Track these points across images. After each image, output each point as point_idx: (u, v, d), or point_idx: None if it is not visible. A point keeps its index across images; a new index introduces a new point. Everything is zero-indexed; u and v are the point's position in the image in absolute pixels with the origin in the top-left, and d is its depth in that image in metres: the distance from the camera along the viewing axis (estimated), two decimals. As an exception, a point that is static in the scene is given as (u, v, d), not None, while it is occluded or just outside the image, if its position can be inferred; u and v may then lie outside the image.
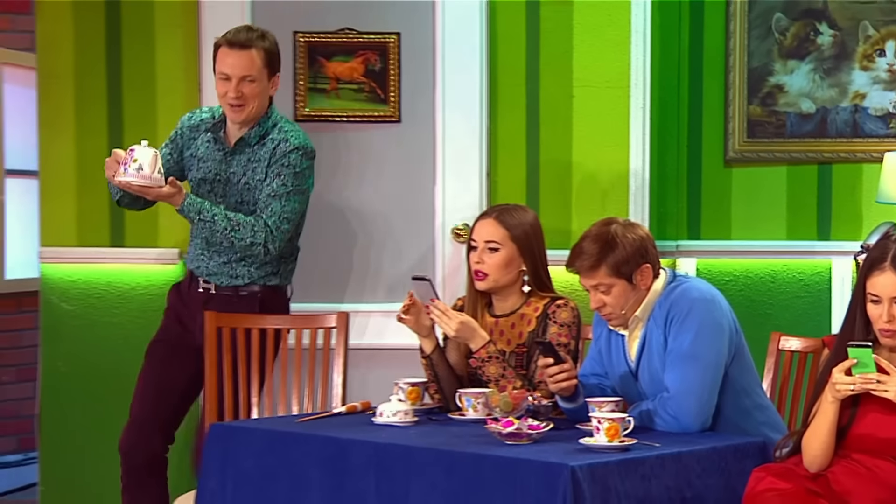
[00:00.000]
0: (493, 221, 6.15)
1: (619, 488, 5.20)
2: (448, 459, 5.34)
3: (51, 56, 7.72)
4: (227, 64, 6.55)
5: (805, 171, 8.17)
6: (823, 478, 5.32)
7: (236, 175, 6.65)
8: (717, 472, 5.45)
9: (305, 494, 5.62)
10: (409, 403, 5.91)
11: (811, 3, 8.05)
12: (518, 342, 6.09)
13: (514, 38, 7.71)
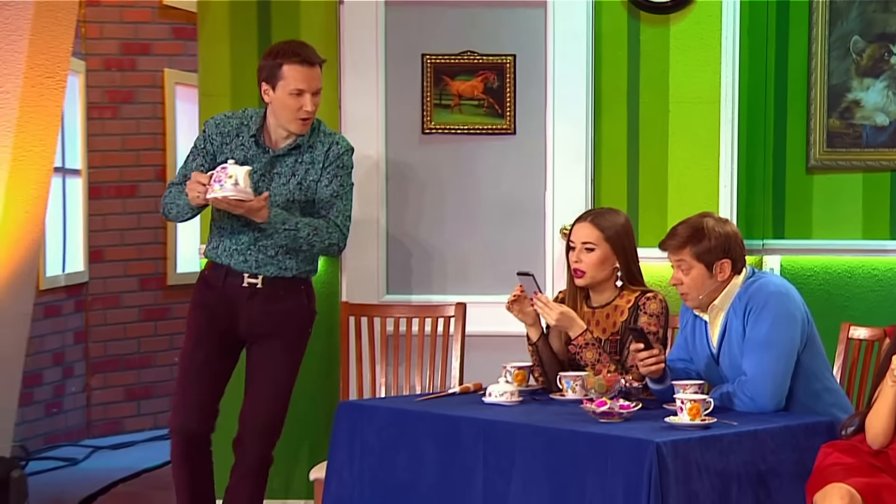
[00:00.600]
0: (589, 224, 6.17)
1: (700, 462, 5.21)
2: (547, 435, 5.38)
3: (210, 77, 7.76)
4: (303, 80, 6.32)
5: (879, 178, 8.12)
6: (885, 454, 5.33)
7: (283, 176, 6.41)
8: (789, 448, 5.45)
9: (421, 465, 5.66)
10: (516, 385, 5.94)
11: (885, 27, 8.02)
12: (612, 331, 6.10)
13: (617, 59, 7.69)
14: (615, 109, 7.73)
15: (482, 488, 5.50)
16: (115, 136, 10.73)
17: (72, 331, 10.49)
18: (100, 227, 10.70)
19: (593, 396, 5.59)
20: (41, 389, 10.15)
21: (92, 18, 10.58)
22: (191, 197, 6.23)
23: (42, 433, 10.17)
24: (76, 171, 10.51)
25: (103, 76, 10.65)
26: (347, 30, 7.63)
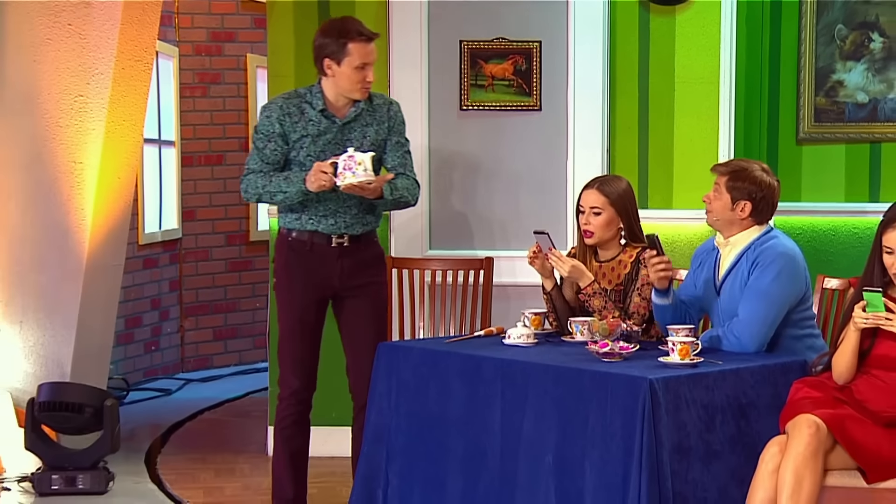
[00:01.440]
0: (596, 191, 6.09)
1: (688, 396, 5.17)
2: (557, 372, 5.34)
3: (278, 61, 7.75)
4: (366, 54, 6.06)
5: (860, 149, 8.09)
6: (848, 389, 5.27)
7: (355, 141, 6.12)
8: (766, 383, 5.39)
9: (448, 398, 5.63)
10: (532, 328, 5.88)
11: (865, 16, 7.97)
12: (617, 282, 6.04)
13: (629, 45, 7.63)
14: (628, 89, 7.68)
15: (500, 419, 5.47)
16: (204, 112, 10.72)
17: (167, 280, 10.51)
18: (191, 190, 10.70)
19: (597, 339, 5.53)
20: (141, 330, 10.17)
21: (184, 10, 10.58)
22: (317, 185, 5.95)
23: (142, 368, 10.21)
24: (171, 143, 10.51)
25: (194, 60, 10.64)
26: (395, 21, 7.61)
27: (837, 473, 5.15)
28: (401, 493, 5.74)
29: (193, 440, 8.41)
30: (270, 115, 6.11)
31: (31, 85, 7.21)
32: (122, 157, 7.30)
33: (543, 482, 5.31)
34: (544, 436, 5.32)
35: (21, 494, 6.95)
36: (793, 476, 5.03)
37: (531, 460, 5.35)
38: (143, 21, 7.17)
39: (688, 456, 5.15)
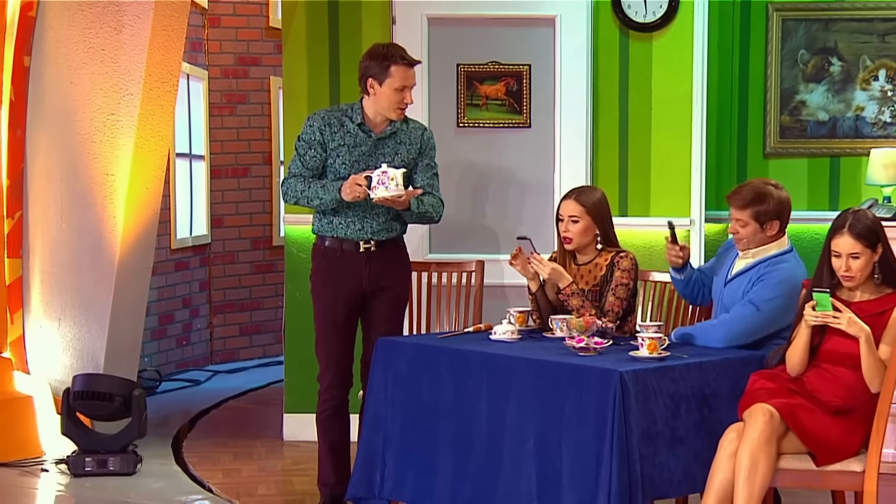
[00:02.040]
0: (573, 201, 6.05)
1: (656, 387, 5.15)
2: (537, 365, 5.31)
3: (292, 83, 7.74)
4: (407, 78, 6.03)
5: (820, 162, 8.12)
6: (801, 380, 5.24)
7: (387, 155, 6.09)
8: (728, 376, 5.36)
9: (439, 389, 5.60)
10: (517, 325, 5.85)
11: (825, 43, 7.97)
12: (593, 283, 5.99)
13: (610, 67, 7.60)
14: (609, 107, 7.64)
15: (486, 407, 5.44)
16: (231, 129, 10.70)
17: (197, 281, 10.49)
18: (219, 199, 10.68)
19: (574, 335, 5.49)
20: (173, 326, 10.14)
21: (213, 37, 10.56)
22: (351, 196, 5.91)
23: (174, 360, 10.18)
24: (201, 157, 10.49)
25: (222, 82, 10.62)
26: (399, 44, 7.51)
27: (790, 457, 5.12)
28: (396, 476, 5.71)
29: (217, 426, 8.38)
30: (313, 125, 6.10)
31: (68, 104, 7.20)
32: (150, 169, 7.28)
33: (525, 465, 5.28)
34: (526, 423, 5.29)
35: (58, 475, 6.96)
36: (749, 459, 5.00)
37: (514, 445, 5.32)
38: (169, 47, 7.15)
39: (655, 441, 5.12)
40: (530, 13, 7.56)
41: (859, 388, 5.12)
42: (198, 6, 10.31)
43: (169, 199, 9.92)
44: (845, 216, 5.20)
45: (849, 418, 5.13)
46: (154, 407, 8.89)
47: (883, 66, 7.87)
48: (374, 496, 5.75)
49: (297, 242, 7.77)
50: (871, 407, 5.10)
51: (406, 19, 7.55)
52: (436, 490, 5.57)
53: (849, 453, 5.11)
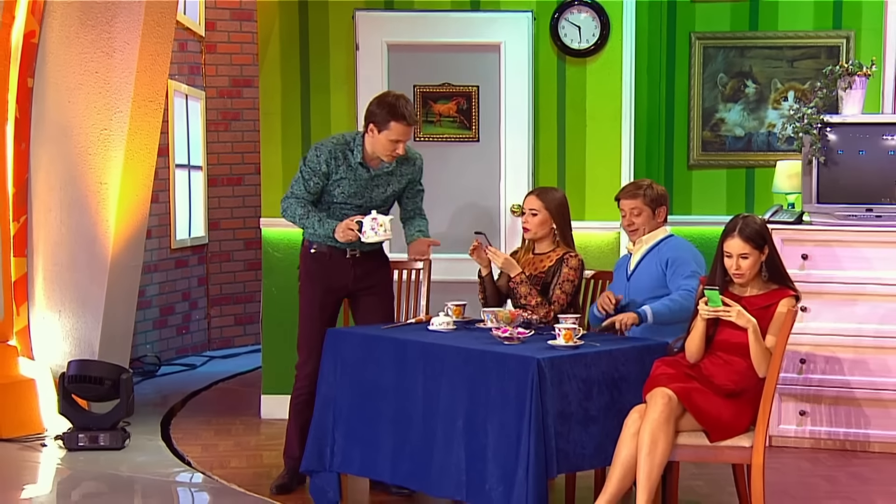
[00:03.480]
0: (535, 197, 6.09)
1: (570, 372, 5.09)
2: (466, 353, 5.25)
3: (268, 102, 7.68)
4: (403, 134, 5.89)
5: (737, 173, 8.09)
6: (698, 366, 5.20)
7: (381, 186, 6.07)
8: (635, 361, 5.31)
9: (381, 374, 5.55)
10: (454, 317, 5.79)
11: (741, 67, 7.93)
12: (541, 269, 6.01)
13: (549, 88, 7.55)
14: (548, 124, 7.59)
15: (422, 390, 5.39)
16: (226, 142, 10.63)
17: (196, 277, 10.42)
18: (216, 205, 10.61)
19: (501, 325, 5.43)
20: (173, 317, 10.07)
21: (210, 62, 10.48)
22: (344, 238, 5.83)
23: (174, 347, 10.10)
24: (199, 167, 10.42)
25: (218, 101, 10.55)
26: (362, 67, 7.52)
27: (687, 434, 5.08)
28: (344, 451, 5.65)
29: (205, 405, 8.31)
30: (320, 157, 5.96)
31: (66, 121, 7.13)
32: (139, 178, 7.22)
33: (455, 442, 5.23)
34: (456, 404, 5.24)
35: (56, 450, 6.88)
36: (650, 437, 4.95)
37: (446, 424, 5.27)
38: (155, 70, 7.09)
39: (569, 420, 5.07)
40: (478, 40, 7.50)
41: (749, 373, 5.07)
42: (196, 34, 10.26)
43: (169, 204, 9.86)
44: (736, 221, 5.16)
45: (739, 400, 5.09)
46: (154, 388, 8.86)
47: (791, 88, 7.82)
48: (325, 469, 5.70)
49: (273, 243, 7.71)
50: (759, 390, 5.06)
51: (368, 45, 7.48)
52: (379, 464, 5.52)
53: (739, 431, 5.06)
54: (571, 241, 6.11)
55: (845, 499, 5.96)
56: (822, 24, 7.79)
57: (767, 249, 5.14)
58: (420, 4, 7.54)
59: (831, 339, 6.85)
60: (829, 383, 6.87)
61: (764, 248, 5.12)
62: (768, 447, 6.85)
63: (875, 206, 6.83)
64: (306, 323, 6.12)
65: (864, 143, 6.87)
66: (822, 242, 6.88)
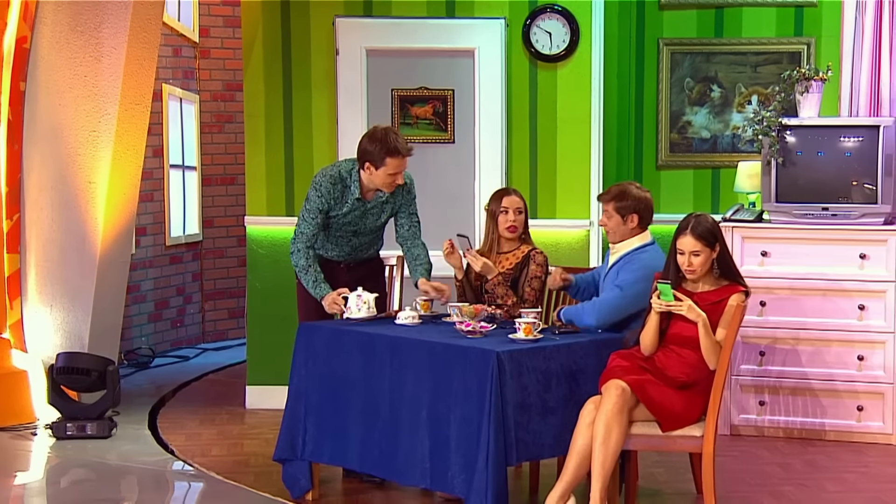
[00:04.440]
0: (516, 196, 6.03)
1: (529, 364, 5.07)
2: (430, 346, 5.23)
3: (252, 105, 7.65)
4: (399, 166, 5.81)
5: (703, 173, 8.05)
6: (652, 359, 5.16)
7: (374, 214, 6.00)
8: (593, 355, 5.29)
9: (350, 366, 5.52)
10: (422, 311, 5.76)
11: (707, 72, 7.88)
12: (509, 267, 5.96)
13: (522, 92, 7.51)
14: (521, 126, 7.55)
15: (388, 382, 5.36)
16: (219, 144, 10.58)
17: (190, 272, 10.37)
18: (210, 204, 10.57)
19: (464, 320, 5.40)
20: (168, 311, 10.04)
21: (204, 67, 10.44)
22: (329, 311, 5.77)
23: (169, 340, 10.06)
24: (193, 167, 10.38)
25: (212, 104, 10.50)
26: (342, 72, 7.47)
27: (640, 424, 5.05)
28: (315, 440, 5.62)
29: (194, 396, 8.26)
30: (321, 196, 5.88)
31: (57, 123, 7.10)
32: (127, 178, 7.18)
33: (420, 431, 5.21)
34: (420, 395, 5.21)
35: (46, 438, 6.85)
36: (604, 427, 4.92)
37: (411, 414, 5.24)
38: (141, 74, 7.05)
39: (528, 411, 5.04)
40: (453, 46, 7.46)
41: (700, 365, 5.04)
42: (190, 41, 10.22)
43: (163, 203, 9.83)
44: (689, 219, 5.12)
45: (690, 391, 5.06)
46: (147, 379, 8.82)
47: (755, 92, 7.78)
48: (297, 458, 5.66)
49: (257, 240, 7.69)
50: (710, 382, 5.03)
51: (348, 51, 7.44)
52: (348, 453, 5.49)
53: (690, 421, 5.03)
54: (530, 237, 6.08)
55: (798, 485, 5.93)
56: (784, 31, 7.75)
57: (719, 247, 5.10)
58: (398, 11, 7.50)
59: (789, 332, 6.82)
60: (787, 375, 6.84)
61: (715, 245, 5.09)
62: (729, 436, 6.86)
63: (831, 206, 6.79)
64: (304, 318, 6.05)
65: (822, 145, 6.84)
66: (780, 240, 6.84)
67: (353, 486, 5.91)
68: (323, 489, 5.77)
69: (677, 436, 5.02)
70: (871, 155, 6.72)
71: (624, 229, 5.59)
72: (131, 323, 9.52)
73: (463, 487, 4.99)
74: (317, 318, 5.91)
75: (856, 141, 6.78)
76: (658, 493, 5.82)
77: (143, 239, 9.64)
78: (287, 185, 7.59)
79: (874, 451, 6.56)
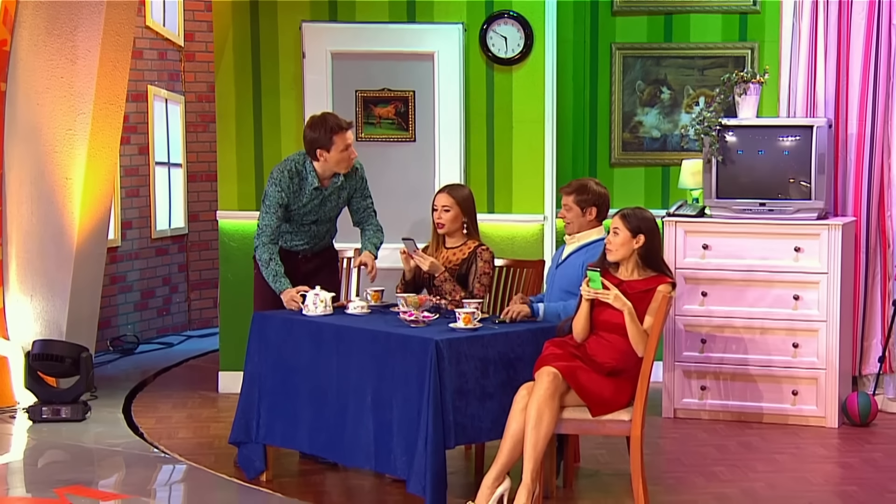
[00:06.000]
0: (446, 194, 5.95)
1: (468, 352, 5.02)
2: (374, 335, 5.18)
3: (223, 105, 7.56)
4: (348, 139, 5.77)
5: (654, 171, 7.96)
6: (583, 346, 5.08)
7: (332, 200, 5.93)
8: (530, 343, 5.24)
9: (300, 353, 5.47)
10: (372, 301, 5.69)
11: (657, 75, 7.80)
12: (455, 262, 5.87)
13: (479, 93, 7.43)
14: (479, 126, 7.47)
15: (336, 368, 5.31)
16: (204, 142, 10.48)
17: (176, 264, 10.28)
18: (195, 199, 10.47)
19: (408, 310, 5.32)
20: (154, 300, 9.95)
21: (189, 69, 10.34)
22: (288, 306, 5.66)
23: (155, 327, 9.97)
24: (179, 164, 10.29)
25: (196, 105, 10.40)
26: (308, 74, 7.39)
27: (571, 409, 4.99)
28: (268, 424, 5.56)
29: (171, 381, 8.18)
30: (281, 191, 5.81)
31: (35, 122, 7.01)
32: (102, 174, 7.10)
33: (365, 416, 5.15)
34: (366, 381, 5.15)
35: (24, 421, 6.78)
36: (536, 412, 4.85)
37: (357, 399, 5.18)
38: (115, 75, 6.97)
39: (467, 396, 4.98)
40: (414, 49, 7.38)
41: (629, 352, 4.97)
42: (175, 45, 10.13)
43: (149, 198, 9.75)
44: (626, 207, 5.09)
45: (619, 378, 4.98)
46: (131, 364, 8.73)
47: (702, 94, 7.70)
48: (252, 440, 5.59)
49: (228, 234, 7.61)
50: (638, 369, 4.94)
51: (314, 54, 7.36)
52: (298, 436, 5.42)
53: (619, 406, 4.96)
54: (477, 231, 6.00)
55: (730, 465, 5.87)
56: (730, 36, 7.67)
57: (643, 238, 5.03)
58: (361, 17, 7.41)
59: (729, 321, 6.75)
60: (727, 361, 6.78)
61: (638, 233, 5.02)
62: (673, 419, 6.80)
63: (768, 201, 6.72)
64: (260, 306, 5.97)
65: (762, 144, 6.77)
66: (720, 234, 6.78)
67: (308, 468, 5.84)
68: (277, 470, 5.70)
69: (607, 420, 4.95)
70: (806, 154, 6.64)
71: (582, 221, 5.56)
72: (117, 311, 9.44)
73: (404, 468, 4.93)
74: (272, 307, 5.83)
75: (792, 140, 6.71)
76: (597, 473, 5.75)
77: (129, 232, 9.56)
78: (257, 182, 7.51)
79: (807, 433, 6.50)
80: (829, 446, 6.25)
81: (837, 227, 6.59)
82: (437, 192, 6.00)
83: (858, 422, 6.64)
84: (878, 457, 6.01)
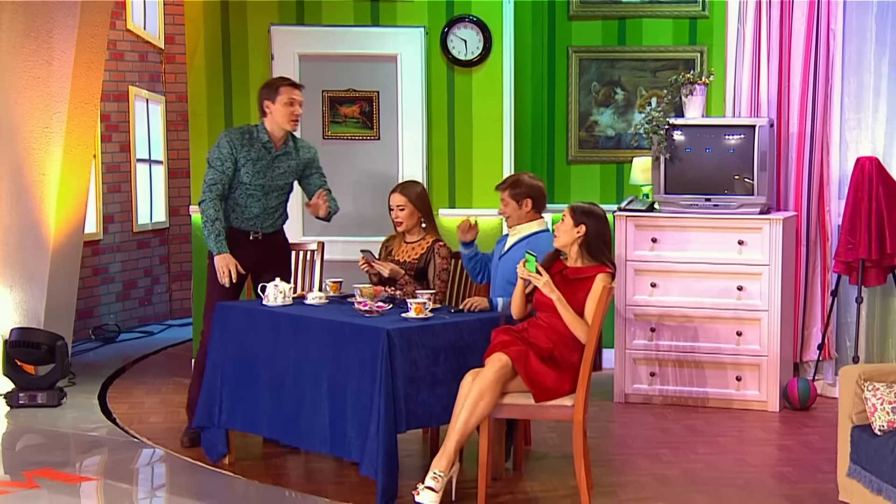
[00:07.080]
0: (399, 194, 5.91)
1: (419, 341, 4.98)
2: (330, 324, 5.13)
3: (195, 104, 7.53)
4: (294, 94, 5.74)
5: (609, 168, 7.94)
6: (526, 330, 5.04)
7: (281, 168, 5.85)
8: (480, 331, 5.20)
9: (259, 342, 5.42)
10: (331, 292, 5.65)
11: (611, 77, 7.77)
12: (414, 257, 5.86)
13: (441, 93, 7.41)
14: (440, 124, 7.45)
15: (293, 356, 5.27)
16: (184, 140, 10.40)
17: (157, 256, 10.23)
18: (176, 194, 10.42)
19: (363, 300, 5.29)
20: (136, 291, 9.89)
21: (169, 71, 10.28)
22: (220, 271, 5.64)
23: (137, 317, 9.92)
24: (160, 161, 10.23)
25: (177, 105, 10.34)
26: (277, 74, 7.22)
27: (516, 394, 4.95)
28: (229, 410, 5.52)
29: (148, 368, 8.13)
30: (230, 142, 5.75)
31: (13, 120, 6.95)
32: (77, 170, 7.05)
33: (321, 402, 5.12)
34: (321, 369, 5.11)
35: (2, 406, 6.73)
36: (477, 392, 4.85)
37: (313, 386, 5.14)
38: (90, 76, 6.92)
39: (417, 383, 4.95)
40: (378, 51, 7.34)
41: (566, 334, 4.95)
42: (156, 47, 10.07)
43: (130, 193, 9.70)
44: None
45: (562, 366, 4.95)
46: (113, 352, 8.67)
47: (654, 95, 7.68)
48: (214, 425, 5.56)
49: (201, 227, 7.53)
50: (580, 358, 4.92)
51: (282, 55, 7.32)
52: (258, 421, 5.39)
53: (562, 393, 4.94)
54: (434, 224, 5.98)
55: (674, 447, 5.86)
56: (680, 39, 7.66)
57: (584, 228, 5.02)
58: (328, 20, 7.38)
59: (676, 310, 6.75)
60: (675, 349, 6.77)
61: (580, 225, 5.02)
62: (624, 404, 6.79)
63: (713, 197, 6.71)
64: (213, 296, 5.91)
65: (709, 142, 6.76)
66: (668, 227, 6.77)
67: (270, 451, 5.81)
68: (239, 454, 5.67)
69: (550, 405, 4.93)
70: (750, 152, 6.64)
71: (520, 213, 5.55)
72: (100, 301, 9.38)
73: (357, 452, 4.90)
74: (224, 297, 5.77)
75: (737, 139, 6.70)
76: (546, 455, 5.74)
77: (111, 226, 9.50)
78: (228, 178, 7.45)
79: (750, 417, 6.50)
80: (769, 429, 6.25)
81: (779, 222, 6.59)
82: (391, 191, 5.95)
83: (798, 406, 6.64)
84: (815, 439, 6.01)
